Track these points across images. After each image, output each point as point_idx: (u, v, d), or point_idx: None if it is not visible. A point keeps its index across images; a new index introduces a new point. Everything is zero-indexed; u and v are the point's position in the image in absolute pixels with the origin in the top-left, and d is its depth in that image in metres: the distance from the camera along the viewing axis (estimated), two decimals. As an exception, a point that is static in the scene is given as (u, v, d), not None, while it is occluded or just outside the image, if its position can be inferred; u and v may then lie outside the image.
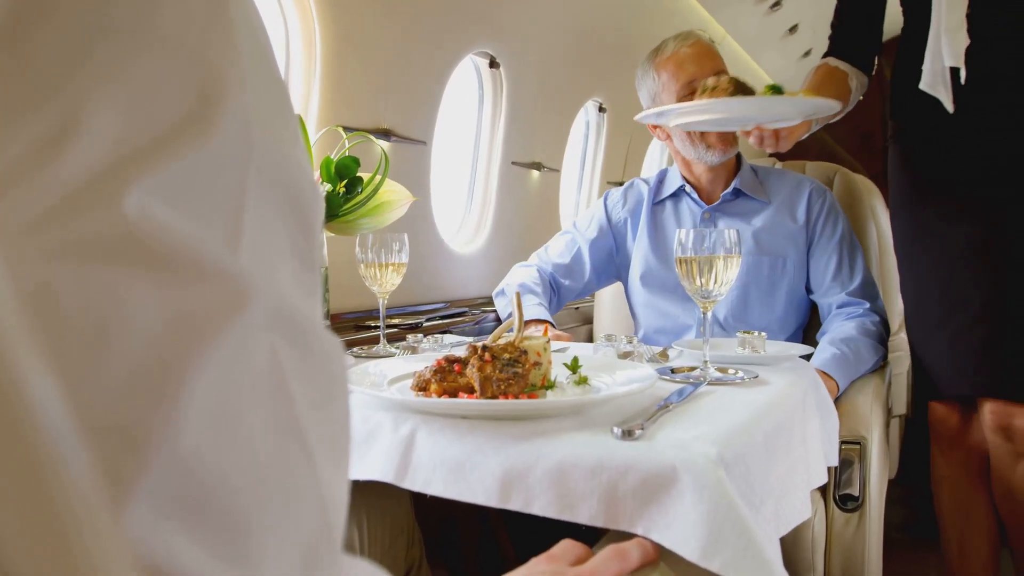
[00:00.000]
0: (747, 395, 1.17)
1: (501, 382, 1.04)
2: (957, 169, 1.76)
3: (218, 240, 0.35)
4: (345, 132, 1.84)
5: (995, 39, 1.67)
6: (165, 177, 0.33)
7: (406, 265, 1.64)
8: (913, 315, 1.88)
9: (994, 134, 1.70)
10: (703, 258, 1.28)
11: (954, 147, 1.76)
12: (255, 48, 0.39)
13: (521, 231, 2.95)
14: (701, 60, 1.97)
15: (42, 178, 0.31)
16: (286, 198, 0.39)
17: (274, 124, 0.39)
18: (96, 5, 0.33)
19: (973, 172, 1.74)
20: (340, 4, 1.92)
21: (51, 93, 0.31)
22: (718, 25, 4.12)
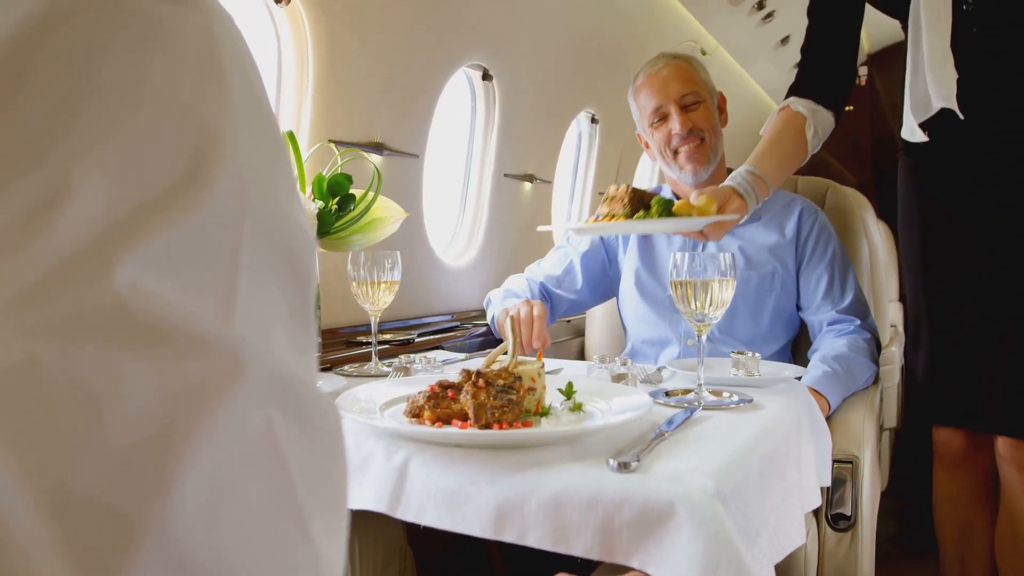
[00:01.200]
0: (742, 421, 1.17)
1: (495, 409, 1.03)
2: (964, 191, 1.73)
3: (212, 310, 0.34)
4: (337, 147, 1.83)
5: (988, 67, 1.65)
6: (157, 246, 0.32)
7: (398, 283, 1.63)
8: (920, 337, 1.85)
9: (997, 161, 1.68)
10: (698, 281, 1.27)
11: (959, 170, 1.73)
12: (250, 98, 0.38)
13: (513, 243, 2.95)
14: (666, 87, 2.02)
15: (29, 250, 0.29)
16: (281, 255, 0.38)
17: (269, 177, 0.38)
18: (81, 63, 0.32)
19: (981, 195, 1.71)
20: (333, 18, 1.91)
21: (36, 159, 0.30)
22: (710, 36, 4.13)
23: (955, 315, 1.74)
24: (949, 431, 1.84)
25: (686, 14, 3.74)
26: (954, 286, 1.74)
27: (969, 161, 1.70)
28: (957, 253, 1.73)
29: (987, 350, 1.69)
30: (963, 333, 1.73)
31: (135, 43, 0.34)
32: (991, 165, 1.68)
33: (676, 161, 2.05)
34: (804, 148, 1.81)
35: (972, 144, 1.68)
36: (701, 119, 2.01)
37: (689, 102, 2.01)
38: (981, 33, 1.63)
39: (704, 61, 4.14)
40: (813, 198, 2.33)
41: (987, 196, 1.69)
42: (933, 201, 1.78)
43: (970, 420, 1.77)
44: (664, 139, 2.04)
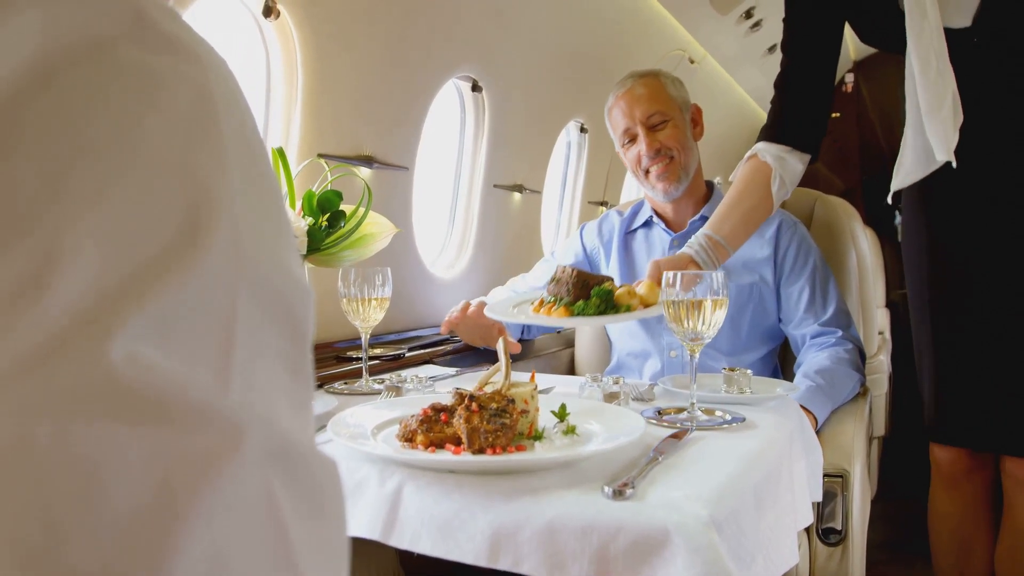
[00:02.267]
0: (735, 443, 1.17)
1: (489, 434, 1.03)
2: (971, 218, 1.71)
3: (209, 377, 0.33)
4: (326, 162, 1.82)
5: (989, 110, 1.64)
6: (153, 314, 0.31)
7: (389, 299, 1.63)
8: (925, 359, 1.84)
9: (1005, 189, 1.67)
10: (691, 301, 1.27)
11: (968, 197, 1.71)
12: (245, 151, 0.38)
13: (503, 254, 2.94)
14: (632, 109, 2.05)
15: (21, 323, 0.29)
16: (278, 311, 0.38)
17: (264, 230, 0.38)
18: (72, 122, 0.31)
19: (988, 221, 1.69)
20: (322, 31, 1.90)
21: (28, 226, 0.30)
22: (698, 45, 4.14)
23: (961, 337, 1.74)
24: (951, 449, 1.83)
25: (674, 23, 3.75)
26: (960, 309, 1.73)
27: (978, 189, 1.69)
28: (963, 278, 1.73)
29: (994, 371, 1.69)
30: (969, 355, 1.72)
31: (128, 99, 0.33)
32: (999, 193, 1.67)
33: (648, 180, 2.08)
34: (769, 203, 1.79)
35: (981, 172, 1.67)
36: (669, 138, 2.03)
37: (656, 122, 2.03)
38: (993, 62, 1.62)
39: (692, 69, 4.19)
40: (801, 210, 2.34)
41: (994, 223, 1.68)
42: (939, 227, 1.77)
43: (976, 440, 1.77)
44: (635, 159, 2.07)
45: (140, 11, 0.36)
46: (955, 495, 1.85)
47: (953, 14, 1.58)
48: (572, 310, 1.53)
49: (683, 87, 2.13)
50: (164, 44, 0.36)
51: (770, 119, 1.83)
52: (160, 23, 0.36)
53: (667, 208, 2.14)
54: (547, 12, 2.78)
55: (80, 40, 0.33)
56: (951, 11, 1.59)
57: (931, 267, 1.78)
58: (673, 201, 2.10)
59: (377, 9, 2.03)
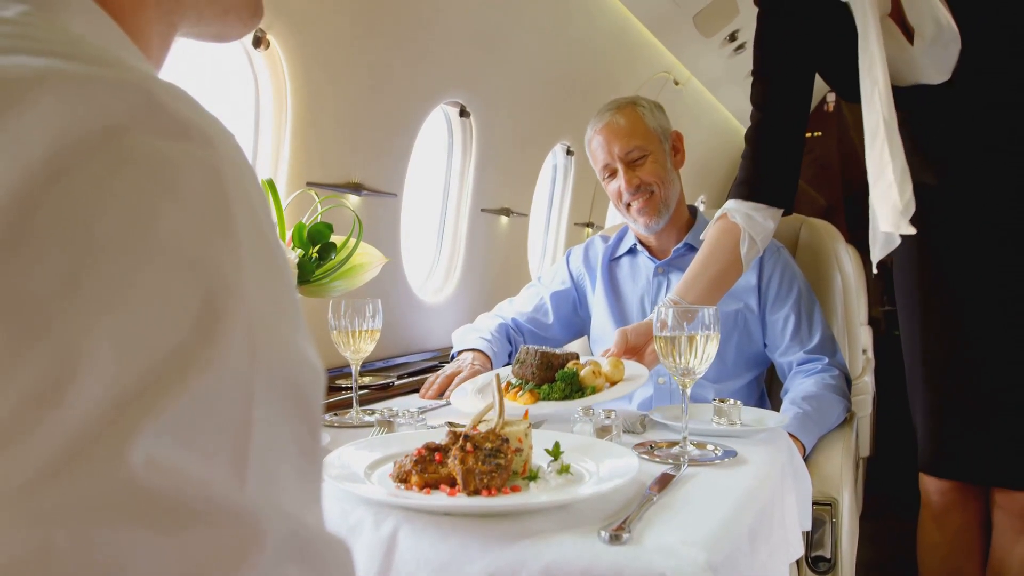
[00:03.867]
0: (728, 480, 1.17)
1: (484, 475, 1.03)
2: (965, 249, 1.72)
3: (226, 475, 0.33)
4: (316, 192, 1.82)
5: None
6: (171, 415, 0.31)
7: (379, 331, 1.62)
8: (916, 390, 1.85)
9: (999, 220, 1.67)
10: (683, 336, 1.28)
11: (962, 226, 1.73)
12: (256, 235, 0.38)
13: (490, 278, 2.95)
14: (611, 145, 2.05)
15: (41, 430, 0.29)
16: (290, 396, 0.38)
17: (276, 314, 0.38)
18: (85, 220, 0.31)
19: (981, 254, 1.71)
20: (311, 60, 1.90)
21: (44, 330, 0.30)
22: (683, 67, 4.18)
23: (953, 372, 1.75)
24: (942, 481, 1.83)
25: (659, 46, 3.79)
26: (952, 339, 1.75)
27: (973, 212, 1.70)
28: (955, 306, 1.74)
29: (986, 404, 1.70)
30: (961, 389, 1.73)
31: (142, 190, 0.33)
32: (996, 218, 1.68)
33: (630, 214, 2.08)
34: (738, 265, 1.78)
35: (978, 194, 1.69)
36: (648, 173, 2.03)
37: (635, 157, 2.03)
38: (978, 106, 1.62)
39: (677, 91, 4.22)
40: (787, 234, 2.35)
41: (990, 251, 1.69)
42: (933, 254, 1.78)
43: (968, 474, 1.78)
44: (616, 194, 2.08)
45: (152, 95, 0.36)
46: (945, 526, 1.86)
47: (932, 73, 1.60)
48: (538, 393, 1.53)
49: (663, 114, 2.12)
50: (177, 129, 0.36)
51: (742, 175, 1.82)
52: (172, 107, 0.36)
53: (651, 237, 2.15)
54: (534, 36, 2.80)
55: (94, 129, 0.33)
56: (930, 70, 1.60)
57: (923, 303, 1.80)
58: (655, 234, 2.11)
59: (366, 38, 2.04)
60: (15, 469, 0.28)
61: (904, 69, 1.63)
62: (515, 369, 1.60)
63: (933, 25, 1.53)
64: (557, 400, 1.51)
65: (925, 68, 1.60)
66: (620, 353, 1.68)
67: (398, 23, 2.12)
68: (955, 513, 1.84)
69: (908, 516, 1.98)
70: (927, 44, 1.56)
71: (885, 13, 1.58)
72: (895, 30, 1.59)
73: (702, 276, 1.77)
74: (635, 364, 1.65)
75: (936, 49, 1.56)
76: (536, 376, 1.57)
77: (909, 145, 1.77)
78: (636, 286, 2.15)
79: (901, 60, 1.61)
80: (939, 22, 1.51)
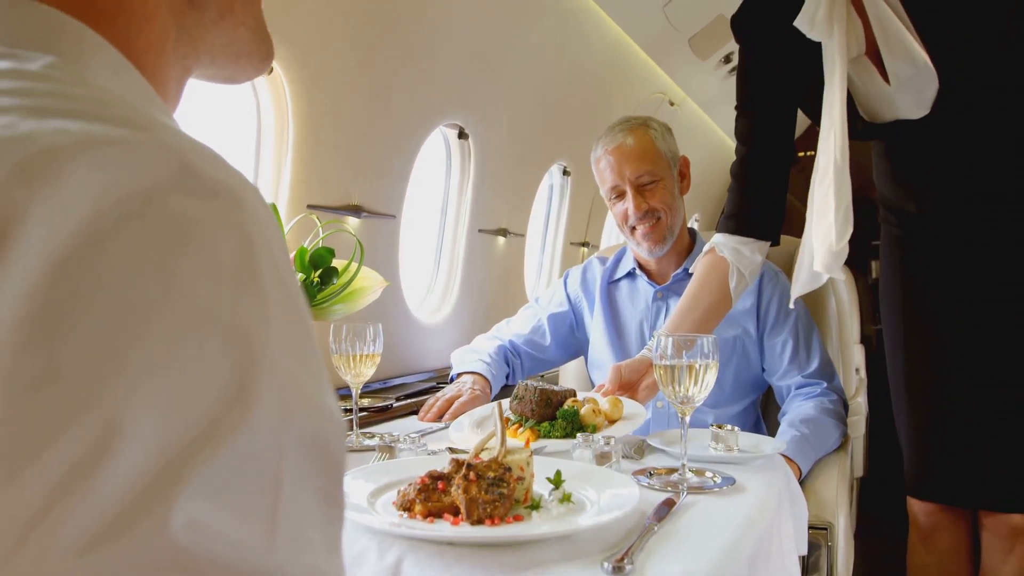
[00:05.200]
0: (727, 508, 1.19)
1: (487, 504, 1.04)
2: (948, 270, 1.75)
3: (258, 535, 0.34)
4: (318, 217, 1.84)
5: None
6: (208, 476, 0.32)
7: (380, 355, 1.63)
8: (901, 413, 1.87)
9: (983, 241, 1.69)
10: (683, 365, 1.30)
11: (944, 247, 1.74)
12: (282, 291, 0.39)
13: (487, 298, 2.97)
14: (622, 167, 2.04)
15: (85, 500, 0.29)
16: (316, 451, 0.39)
17: (302, 370, 0.39)
18: (126, 288, 0.32)
19: (965, 275, 1.72)
20: (313, 84, 1.92)
21: (88, 401, 0.30)
22: (678, 88, 4.22)
23: (937, 395, 1.77)
24: (928, 503, 1.85)
25: (655, 68, 3.82)
26: (935, 364, 1.77)
27: (955, 239, 1.72)
28: (938, 331, 1.76)
29: (971, 427, 1.72)
30: (945, 412, 1.75)
31: (174, 255, 0.34)
32: (977, 245, 1.70)
33: (634, 237, 2.09)
34: (728, 300, 1.80)
35: (959, 222, 1.71)
36: (657, 199, 2.04)
37: (646, 181, 2.04)
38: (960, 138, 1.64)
39: (672, 111, 4.25)
40: (784, 257, 2.37)
41: (971, 277, 1.71)
42: (916, 279, 1.80)
43: (954, 496, 1.79)
44: (622, 216, 2.08)
45: (182, 158, 0.37)
46: (932, 547, 1.88)
47: (911, 109, 1.62)
48: (538, 431, 1.54)
49: (672, 137, 2.12)
50: (207, 190, 0.37)
51: (728, 209, 1.83)
52: (201, 168, 0.37)
53: (650, 260, 2.16)
54: (531, 59, 2.82)
55: (129, 195, 0.34)
56: (908, 107, 1.62)
57: (906, 328, 1.82)
58: (656, 260, 2.12)
59: (367, 63, 2.06)
60: (66, 537, 0.29)
61: (883, 107, 1.66)
62: (513, 405, 1.61)
63: (909, 66, 1.54)
64: (559, 439, 1.52)
65: (903, 104, 1.62)
66: (614, 390, 1.69)
67: (399, 48, 2.14)
68: (942, 534, 1.86)
69: (902, 535, 1.99)
70: (903, 84, 1.58)
71: (860, 52, 1.60)
72: (872, 69, 1.61)
73: (692, 312, 1.79)
74: (633, 402, 1.67)
75: (913, 87, 1.58)
76: (535, 413, 1.58)
77: (890, 174, 1.79)
78: (635, 310, 2.16)
79: (879, 98, 1.64)
80: (916, 62, 1.53)
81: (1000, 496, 1.71)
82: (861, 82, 1.63)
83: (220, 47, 0.59)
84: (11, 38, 0.46)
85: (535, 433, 1.55)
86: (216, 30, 0.58)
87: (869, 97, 1.64)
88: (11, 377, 0.30)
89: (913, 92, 1.58)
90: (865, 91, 1.63)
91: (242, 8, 0.59)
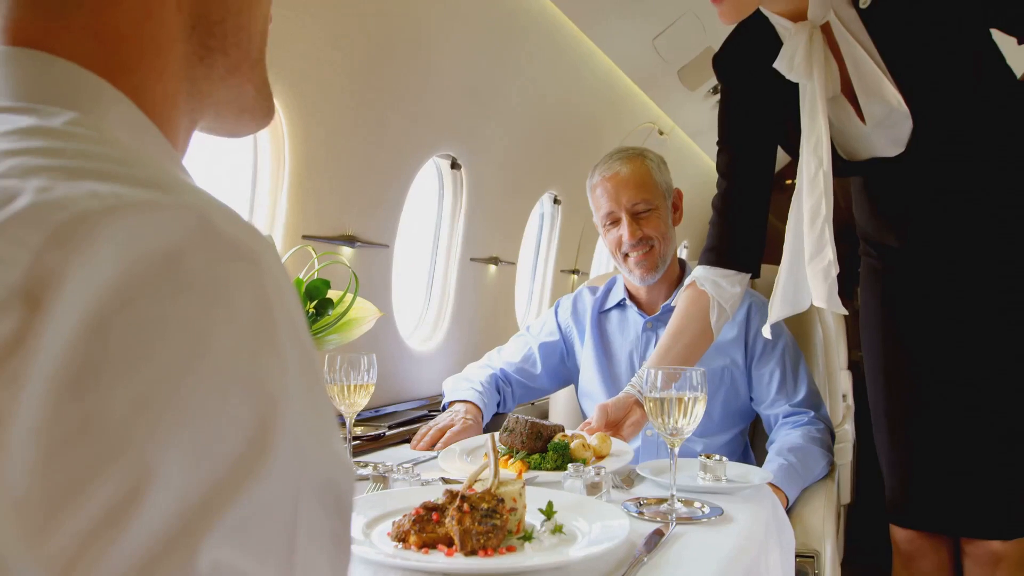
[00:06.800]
0: (715, 539, 1.21)
1: (480, 535, 1.06)
2: (927, 302, 1.78)
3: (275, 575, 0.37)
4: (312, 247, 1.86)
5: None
6: (231, 520, 0.34)
7: (374, 384, 1.65)
8: (881, 444, 1.90)
9: (961, 275, 1.73)
10: (672, 397, 1.32)
11: (923, 280, 1.78)
12: (297, 344, 0.41)
13: (479, 326, 2.99)
14: (619, 194, 2.09)
15: (118, 546, 0.31)
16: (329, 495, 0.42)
17: (315, 419, 0.41)
18: (151, 344, 0.34)
19: (943, 307, 1.76)
20: (310, 117, 1.96)
21: (118, 450, 0.32)
22: (667, 118, 4.28)
23: (916, 424, 1.80)
24: (909, 530, 1.88)
25: (645, 98, 3.88)
26: (914, 393, 1.80)
27: (933, 272, 1.76)
28: (916, 360, 1.79)
29: (949, 455, 1.75)
30: (925, 441, 1.78)
31: (198, 312, 0.36)
32: (955, 278, 1.73)
33: (626, 264, 2.12)
34: (709, 334, 1.84)
35: (938, 256, 1.74)
36: (652, 228, 2.08)
37: (641, 209, 2.08)
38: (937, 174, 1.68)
39: (661, 140, 4.30)
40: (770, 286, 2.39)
41: (949, 308, 1.74)
42: (895, 310, 1.84)
43: (935, 523, 1.82)
44: (615, 242, 2.11)
45: (204, 217, 0.39)
46: (915, 573, 1.90)
47: (887, 147, 1.65)
48: (529, 463, 1.57)
49: (667, 169, 2.17)
50: (229, 250, 0.39)
51: (710, 242, 1.87)
52: (222, 227, 0.40)
53: (641, 290, 2.19)
54: (523, 91, 2.87)
55: (156, 255, 0.36)
56: (884, 145, 1.66)
57: (885, 359, 1.86)
58: (647, 288, 2.16)
59: (362, 95, 2.10)
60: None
61: (860, 145, 1.70)
62: (503, 437, 1.63)
63: (884, 106, 1.59)
64: (550, 471, 1.54)
65: (879, 143, 1.66)
66: (599, 428, 1.72)
67: (394, 81, 2.18)
68: (924, 560, 1.88)
69: (889, 561, 2.01)
70: (878, 123, 1.63)
71: (837, 92, 1.65)
72: (849, 108, 1.65)
73: (674, 348, 1.82)
74: (619, 440, 1.70)
75: (888, 127, 1.62)
76: (525, 445, 1.60)
77: (869, 209, 1.84)
78: (625, 340, 2.19)
79: (856, 137, 1.68)
80: (889, 103, 1.57)
81: (980, 522, 1.74)
82: (838, 121, 1.68)
83: (226, 102, 0.62)
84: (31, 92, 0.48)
85: (525, 464, 1.57)
86: (224, 86, 0.61)
87: (846, 135, 1.68)
88: (49, 429, 0.31)
89: (888, 131, 1.63)
90: (842, 129, 1.68)
91: (249, 67, 0.62)
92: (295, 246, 1.93)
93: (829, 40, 1.61)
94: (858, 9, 1.55)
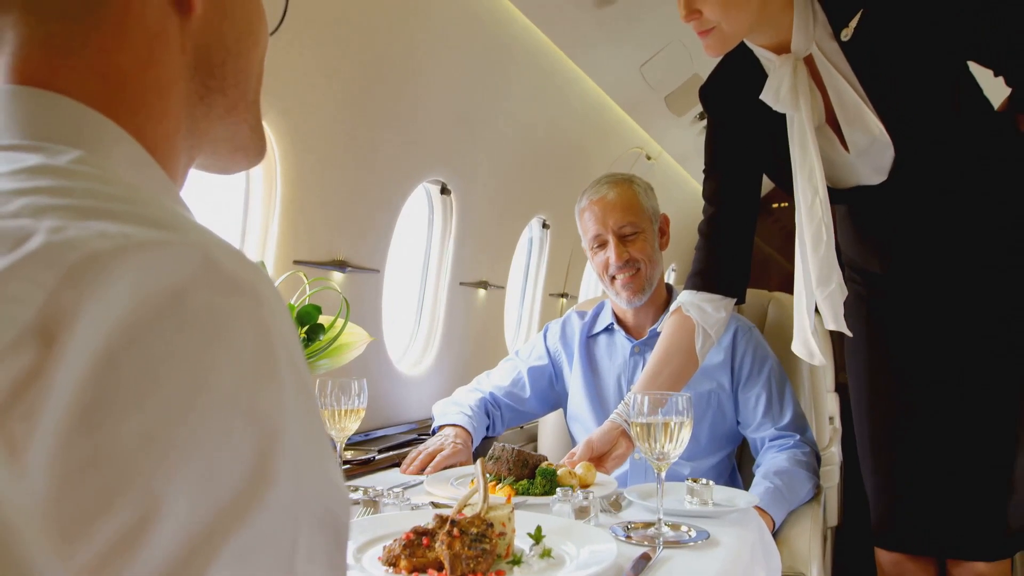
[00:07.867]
0: (702, 561, 1.23)
1: (470, 560, 1.07)
2: (911, 327, 1.81)
3: None
4: (304, 273, 1.88)
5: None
6: (234, 547, 0.36)
7: (364, 409, 1.67)
8: (866, 468, 1.92)
9: (946, 300, 1.76)
10: (658, 422, 1.34)
11: (909, 305, 1.81)
12: (295, 375, 0.43)
13: (468, 349, 3.00)
14: (606, 217, 2.12)
15: (128, 571, 0.33)
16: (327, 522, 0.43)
17: (313, 447, 0.43)
18: (159, 379, 0.36)
19: (927, 333, 1.78)
20: (301, 144, 1.98)
21: (127, 483, 0.34)
22: (655, 143, 4.32)
23: (898, 447, 1.83)
24: (893, 552, 1.90)
25: (632, 124, 3.93)
26: (898, 417, 1.82)
27: (917, 298, 1.79)
28: (901, 385, 1.82)
29: (933, 478, 1.77)
30: (906, 464, 1.81)
31: (201, 347, 0.38)
32: (939, 304, 1.76)
33: (613, 287, 2.15)
34: (694, 361, 1.86)
35: (921, 282, 1.77)
36: (638, 250, 2.11)
37: (627, 232, 2.11)
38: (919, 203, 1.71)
39: (649, 165, 4.34)
40: (756, 311, 2.43)
41: (933, 334, 1.77)
42: (880, 336, 1.87)
43: (919, 546, 1.84)
44: (602, 265, 2.14)
45: (207, 255, 0.41)
46: None
47: (870, 175, 1.69)
48: (516, 489, 1.59)
49: (654, 195, 2.20)
50: (231, 286, 0.41)
51: (695, 267, 1.89)
52: (224, 264, 0.42)
53: (628, 314, 2.21)
54: (512, 117, 2.90)
55: (162, 292, 0.38)
56: (867, 174, 1.69)
57: (870, 384, 1.89)
58: (634, 308, 2.18)
59: (353, 122, 2.12)
60: None
61: (844, 173, 1.73)
62: (490, 466, 1.65)
63: (866, 136, 1.62)
64: (538, 496, 1.56)
65: (862, 171, 1.70)
66: (584, 460, 1.73)
67: (384, 107, 2.21)
68: None
69: None
70: (861, 152, 1.66)
71: (821, 122, 1.69)
72: (833, 137, 1.69)
73: (660, 374, 1.85)
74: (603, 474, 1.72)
75: (871, 155, 1.66)
76: (512, 472, 1.63)
77: (854, 236, 1.87)
78: (613, 365, 2.21)
79: (840, 165, 1.72)
80: (872, 132, 1.61)
81: (965, 544, 1.76)
82: (823, 150, 1.71)
83: (222, 140, 0.65)
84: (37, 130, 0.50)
85: (512, 490, 1.59)
86: (221, 124, 0.63)
87: (831, 164, 1.72)
88: (63, 460, 0.33)
89: (871, 160, 1.66)
90: (827, 158, 1.71)
91: (245, 107, 0.65)
92: (286, 271, 1.95)
93: (812, 71, 1.65)
94: (839, 41, 1.59)
